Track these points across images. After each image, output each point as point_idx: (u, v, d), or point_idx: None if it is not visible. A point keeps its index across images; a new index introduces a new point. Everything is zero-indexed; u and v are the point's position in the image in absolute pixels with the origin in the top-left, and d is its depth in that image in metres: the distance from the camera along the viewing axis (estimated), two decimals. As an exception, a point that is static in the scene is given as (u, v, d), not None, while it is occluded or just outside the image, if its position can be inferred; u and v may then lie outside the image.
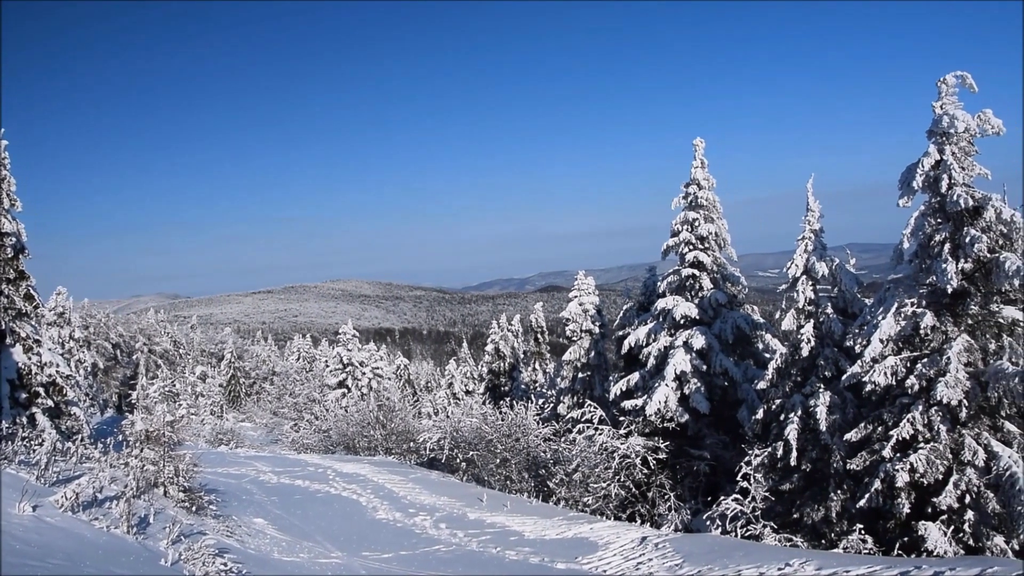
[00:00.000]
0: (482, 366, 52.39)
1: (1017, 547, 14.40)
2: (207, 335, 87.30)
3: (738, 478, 18.20)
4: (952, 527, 14.99)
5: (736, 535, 16.86)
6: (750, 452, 18.77)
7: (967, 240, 15.20)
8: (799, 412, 18.55)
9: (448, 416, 25.50)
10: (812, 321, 19.11)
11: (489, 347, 48.62)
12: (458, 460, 23.79)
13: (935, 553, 14.46)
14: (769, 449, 18.87)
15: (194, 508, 13.77)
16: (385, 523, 17.04)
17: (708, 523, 18.52)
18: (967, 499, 15.03)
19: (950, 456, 15.21)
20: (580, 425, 22.15)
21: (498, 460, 22.56)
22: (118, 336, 66.70)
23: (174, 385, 51.90)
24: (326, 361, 53.34)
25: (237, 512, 15.55)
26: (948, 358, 15.12)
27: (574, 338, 29.68)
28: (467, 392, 58.18)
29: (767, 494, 17.91)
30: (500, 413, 23.46)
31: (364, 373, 47.75)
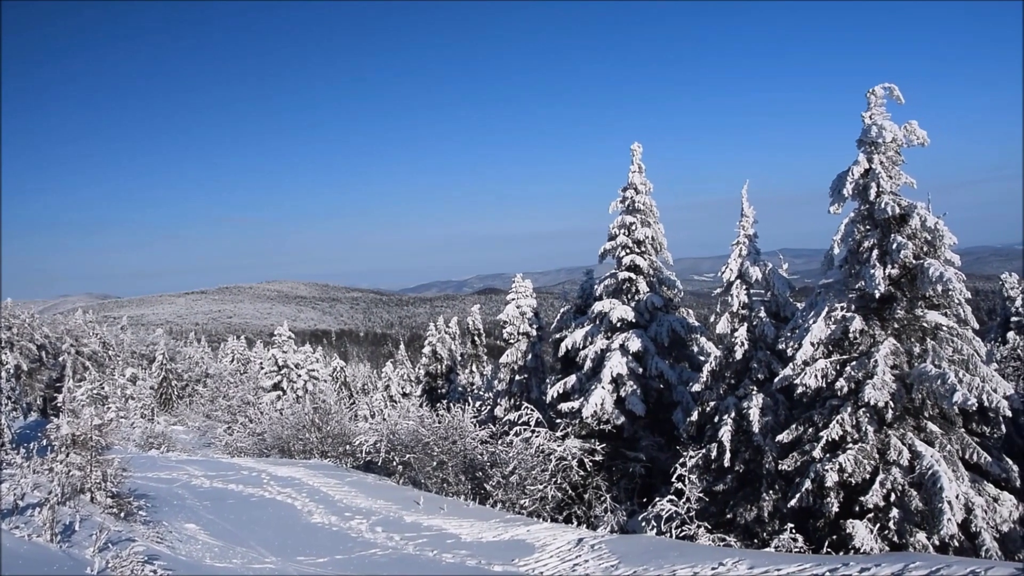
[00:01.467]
0: (419, 368, 52.20)
1: (938, 543, 14.85)
2: (138, 336, 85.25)
3: (673, 479, 18.43)
4: (878, 525, 15.41)
5: (671, 536, 17.07)
6: (685, 454, 19.03)
7: (894, 247, 15.64)
8: (733, 414, 18.85)
9: (385, 419, 25.35)
10: (746, 325, 19.44)
11: (426, 349, 48.43)
12: (395, 463, 23.63)
13: (862, 550, 14.84)
14: (703, 451, 19.14)
15: (123, 514, 13.44)
16: (320, 527, 16.85)
17: (644, 524, 18.70)
18: (892, 497, 15.47)
19: (877, 456, 15.63)
20: (517, 427, 22.17)
21: (435, 463, 22.48)
22: (43, 337, 64.67)
23: (102, 387, 50.58)
24: (261, 363, 52.57)
25: (168, 518, 15.23)
26: (875, 361, 15.53)
27: (511, 340, 29.70)
28: (404, 394, 57.92)
29: (701, 495, 18.17)
30: (437, 416, 23.37)
31: (300, 375, 47.13)
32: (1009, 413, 15.45)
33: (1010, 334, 35.42)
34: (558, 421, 23.27)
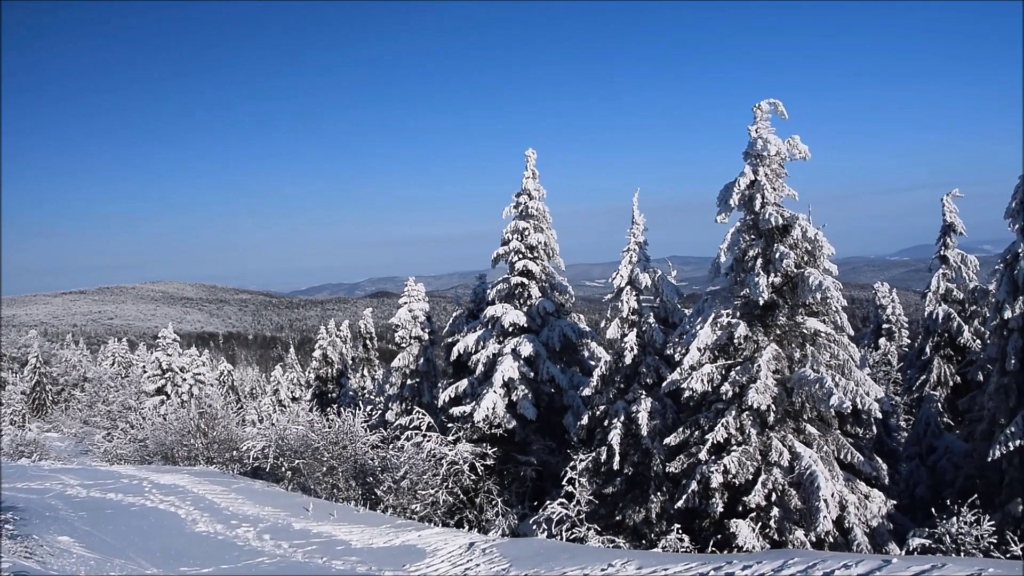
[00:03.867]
0: (309, 372, 51.32)
1: (815, 539, 15.50)
2: (9, 338, 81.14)
3: (564, 482, 18.64)
4: (760, 523, 15.96)
5: (562, 538, 17.28)
6: (575, 457, 19.27)
7: (777, 256, 16.25)
8: (622, 418, 19.19)
9: (273, 424, 24.78)
10: (635, 330, 19.83)
11: (317, 353, 47.64)
12: (283, 469, 23.15)
13: (745, 548, 15.33)
14: (593, 454, 19.42)
15: (-14, 528, 12.74)
16: (205, 536, 16.35)
17: (535, 527, 18.85)
18: (773, 497, 16.05)
19: (759, 457, 16.18)
20: (408, 432, 22.04)
21: (325, 468, 22.12)
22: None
23: (-33, 393, 47.91)
24: (144, 366, 50.63)
25: (39, 531, 14.51)
26: (759, 366, 16.09)
27: (403, 344, 29.51)
28: (294, 399, 56.86)
29: (591, 498, 18.43)
30: (327, 420, 23.01)
31: (185, 379, 45.62)
32: (880, 415, 16.28)
33: (882, 340, 37.21)
34: (450, 425, 23.24)
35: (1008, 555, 13.87)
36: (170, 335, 46.89)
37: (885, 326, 38.89)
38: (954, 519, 14.63)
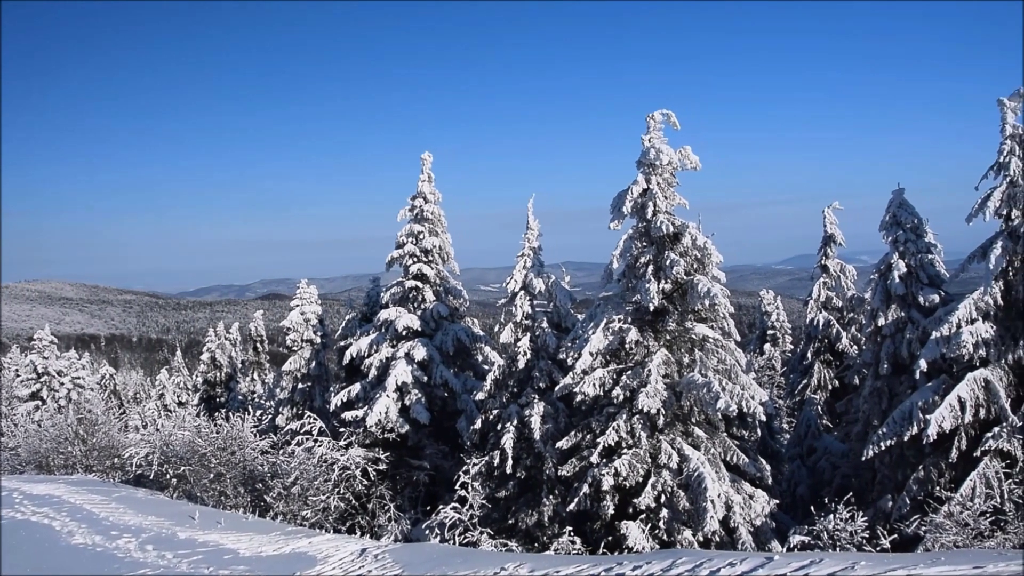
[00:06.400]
0: (197, 376, 49.99)
1: (702, 539, 15.93)
2: None
3: (457, 487, 18.60)
4: (650, 525, 16.31)
5: (455, 543, 17.26)
6: (469, 461, 19.26)
7: (668, 263, 16.65)
8: (515, 422, 19.30)
9: (158, 429, 23.95)
10: (529, 335, 19.97)
11: (205, 356, 46.38)
12: (168, 476, 22.40)
13: (635, 549, 15.62)
14: (487, 458, 19.46)
15: None
16: (82, 549, 15.65)
17: (428, 532, 18.76)
18: (662, 499, 16.41)
19: (649, 460, 16.52)
20: (299, 437, 21.64)
21: (212, 475, 21.51)
22: None
23: None
24: (17, 370, 48.28)
25: None
26: (649, 370, 16.44)
27: (295, 348, 29.00)
28: (180, 403, 55.07)
29: (484, 502, 18.46)
30: (215, 425, 22.39)
31: (63, 383, 43.75)
32: (764, 418, 16.88)
33: (767, 346, 38.61)
34: (342, 430, 22.92)
35: (879, 548, 14.57)
36: (47, 337, 44.95)
37: (770, 332, 40.34)
38: (831, 516, 15.27)
